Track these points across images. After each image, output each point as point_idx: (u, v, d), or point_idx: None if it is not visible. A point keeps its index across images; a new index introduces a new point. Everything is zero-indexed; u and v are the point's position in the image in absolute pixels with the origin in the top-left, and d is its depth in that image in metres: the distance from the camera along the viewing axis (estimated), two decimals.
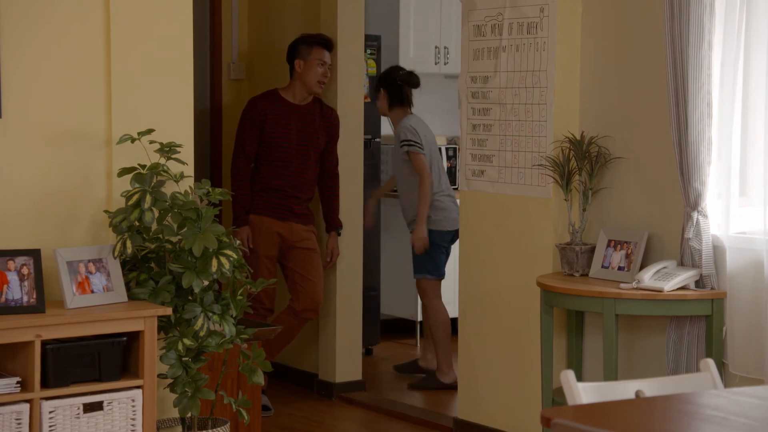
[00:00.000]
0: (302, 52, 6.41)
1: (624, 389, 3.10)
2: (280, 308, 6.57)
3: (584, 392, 3.01)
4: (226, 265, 4.46)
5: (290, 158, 6.39)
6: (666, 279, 4.77)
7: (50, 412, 4.24)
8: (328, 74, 6.45)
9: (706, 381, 3.18)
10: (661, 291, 4.75)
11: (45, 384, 4.26)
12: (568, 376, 3.01)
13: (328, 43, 6.45)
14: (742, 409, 2.90)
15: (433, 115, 8.51)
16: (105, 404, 4.36)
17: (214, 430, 4.60)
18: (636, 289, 4.82)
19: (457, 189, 6.29)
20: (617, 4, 5.24)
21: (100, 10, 4.65)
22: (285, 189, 6.39)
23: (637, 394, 3.09)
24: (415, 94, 7.08)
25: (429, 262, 6.92)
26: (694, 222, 4.79)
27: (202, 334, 4.48)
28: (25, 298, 4.30)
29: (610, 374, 4.83)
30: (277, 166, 6.38)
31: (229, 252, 4.48)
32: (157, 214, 4.49)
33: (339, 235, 6.62)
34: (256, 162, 6.42)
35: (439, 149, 7.42)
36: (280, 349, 6.47)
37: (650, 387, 3.12)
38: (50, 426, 4.23)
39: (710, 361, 3.21)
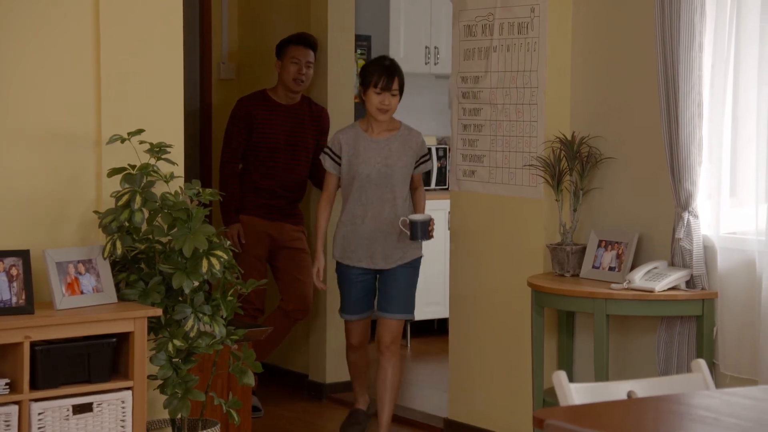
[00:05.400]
0: (280, 51, 6.44)
1: (616, 390, 3.10)
2: (270, 309, 6.56)
3: (576, 393, 3.01)
4: (217, 265, 4.45)
5: (279, 158, 6.37)
6: (657, 279, 4.77)
7: (39, 414, 4.22)
8: (305, 71, 6.41)
9: (698, 381, 3.18)
10: (652, 291, 4.75)
11: (34, 385, 4.24)
12: (561, 376, 3.00)
13: (304, 41, 6.43)
14: (733, 410, 2.90)
15: (424, 116, 8.51)
16: (95, 406, 4.34)
17: (205, 431, 4.58)
18: (627, 289, 4.82)
19: (446, 189, 6.27)
20: (608, 5, 5.24)
21: (90, 11, 4.63)
22: (274, 189, 6.38)
23: (629, 394, 3.09)
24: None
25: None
26: (685, 222, 4.79)
27: (192, 335, 4.47)
28: (14, 299, 4.28)
29: (601, 375, 4.83)
30: (266, 166, 6.37)
31: (219, 252, 4.46)
32: (147, 215, 4.48)
33: None
34: (245, 162, 6.41)
35: (429, 150, 7.28)
36: (270, 350, 6.45)
37: (642, 387, 3.12)
38: (39, 428, 4.21)
39: (702, 362, 3.21)
